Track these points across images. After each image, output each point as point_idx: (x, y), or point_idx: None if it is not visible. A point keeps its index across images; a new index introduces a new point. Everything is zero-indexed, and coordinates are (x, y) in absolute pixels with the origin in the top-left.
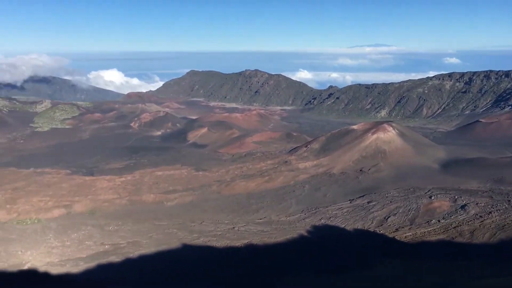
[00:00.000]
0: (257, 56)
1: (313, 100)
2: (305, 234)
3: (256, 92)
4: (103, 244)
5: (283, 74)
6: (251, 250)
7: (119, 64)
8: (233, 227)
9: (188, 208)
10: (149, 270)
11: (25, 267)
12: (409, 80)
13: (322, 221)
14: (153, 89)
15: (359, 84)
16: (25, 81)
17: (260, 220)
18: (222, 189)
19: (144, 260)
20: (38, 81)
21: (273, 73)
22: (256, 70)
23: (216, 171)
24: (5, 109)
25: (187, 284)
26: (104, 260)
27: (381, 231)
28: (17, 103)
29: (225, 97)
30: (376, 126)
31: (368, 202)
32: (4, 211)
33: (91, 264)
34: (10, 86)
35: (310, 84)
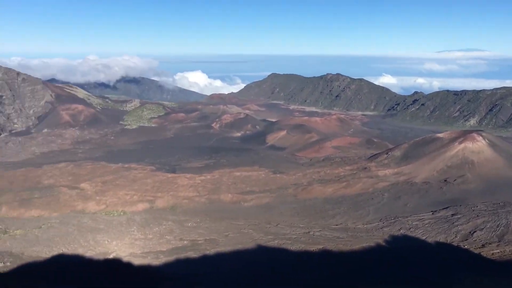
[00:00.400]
0: (339, 60)
1: (396, 106)
2: (383, 243)
3: (337, 96)
4: (182, 240)
5: (365, 78)
6: (325, 256)
7: (204, 67)
8: (308, 232)
9: (264, 209)
10: (225, 268)
11: (110, 256)
12: (503, 87)
13: (401, 231)
14: (235, 91)
15: (447, 91)
16: (117, 81)
17: (336, 226)
18: (299, 193)
19: (220, 257)
20: (129, 81)
21: (355, 78)
22: (338, 74)
23: (293, 174)
24: (98, 107)
25: (262, 285)
26: (182, 255)
27: (466, 246)
28: (110, 102)
29: (305, 101)
30: (464, 135)
31: (452, 215)
32: (94, 202)
33: (170, 258)
34: (104, 85)
35: (393, 89)
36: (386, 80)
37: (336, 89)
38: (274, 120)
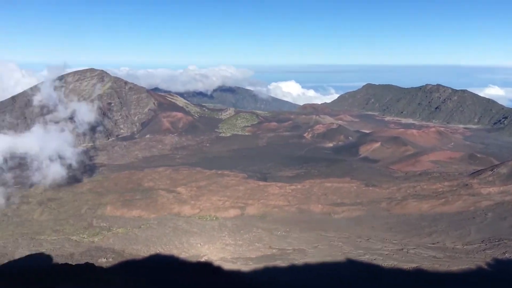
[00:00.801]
0: (440, 70)
1: (503, 120)
2: (485, 266)
3: (436, 108)
4: (271, 248)
5: (469, 89)
6: (420, 275)
7: (297, 76)
8: (402, 249)
9: (355, 222)
10: (313, 279)
11: (202, 259)
12: None
13: (507, 255)
14: (328, 101)
15: None
16: (214, 90)
17: (433, 245)
18: (392, 207)
19: (308, 268)
20: (225, 90)
21: (457, 89)
22: (438, 85)
23: (386, 188)
24: (196, 115)
25: None
26: (271, 263)
27: None
28: (206, 110)
29: (402, 112)
30: None
31: None
32: (189, 206)
33: (259, 265)
34: (202, 94)
35: (501, 102)
36: (492, 92)
37: (435, 100)
38: (368, 131)
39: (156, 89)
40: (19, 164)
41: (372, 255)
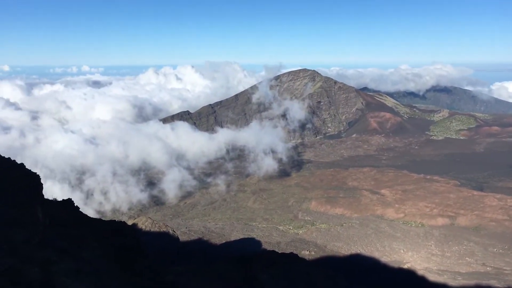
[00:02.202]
0: None
1: None
2: None
3: None
4: (484, 265)
5: None
6: None
7: None
8: None
9: None
10: None
11: (405, 266)
12: None
13: None
14: None
15: None
16: (427, 90)
17: None
18: None
19: None
20: (439, 90)
21: None
22: None
23: None
24: (405, 116)
25: None
26: (483, 281)
27: None
28: (417, 111)
29: None
30: None
31: None
32: (393, 209)
33: (469, 281)
34: (413, 94)
35: None
36: None
37: None
38: None
39: (365, 89)
40: (238, 156)
41: None
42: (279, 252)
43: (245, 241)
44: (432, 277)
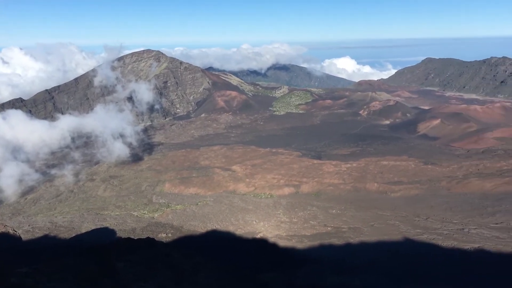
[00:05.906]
0: (506, 42)
1: None
2: None
3: (502, 82)
4: (326, 226)
5: None
6: (482, 256)
7: (352, 52)
8: (463, 228)
9: (413, 201)
10: (368, 257)
11: (258, 236)
12: None
13: None
14: (385, 77)
15: None
16: (268, 69)
17: (496, 225)
18: (453, 186)
19: (364, 247)
20: (279, 68)
21: None
22: (504, 58)
23: (447, 166)
24: (250, 93)
25: (407, 278)
26: (326, 241)
27: None
28: (260, 88)
29: (464, 87)
30: None
31: None
32: (244, 184)
33: (314, 242)
34: (256, 72)
35: None
36: None
37: (501, 74)
38: (427, 107)
39: (210, 69)
40: (85, 143)
41: (431, 234)
42: (135, 238)
43: (97, 232)
44: (282, 243)
